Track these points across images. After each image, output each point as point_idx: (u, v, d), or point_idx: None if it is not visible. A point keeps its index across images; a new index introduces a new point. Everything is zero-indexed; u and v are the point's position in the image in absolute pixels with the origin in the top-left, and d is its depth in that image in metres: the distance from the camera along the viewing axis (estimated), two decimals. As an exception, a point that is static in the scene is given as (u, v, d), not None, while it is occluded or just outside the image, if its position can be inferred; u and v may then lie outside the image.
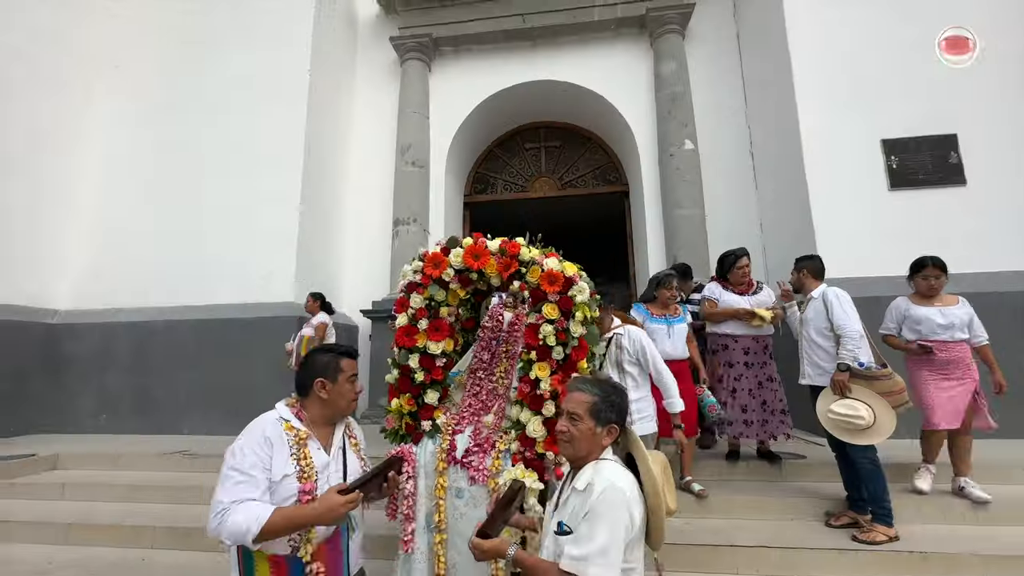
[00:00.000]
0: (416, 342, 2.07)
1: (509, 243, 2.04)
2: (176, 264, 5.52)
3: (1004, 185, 4.39)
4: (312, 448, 1.43)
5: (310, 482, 1.38)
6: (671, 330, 3.20)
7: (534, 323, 1.99)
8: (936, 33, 4.64)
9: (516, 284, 2.02)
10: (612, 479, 1.26)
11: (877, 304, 3.77)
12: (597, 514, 1.22)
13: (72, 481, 3.66)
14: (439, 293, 2.09)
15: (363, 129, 6.86)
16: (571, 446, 1.35)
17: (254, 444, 1.36)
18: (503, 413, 2.05)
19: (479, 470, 1.91)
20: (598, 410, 1.34)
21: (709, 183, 5.93)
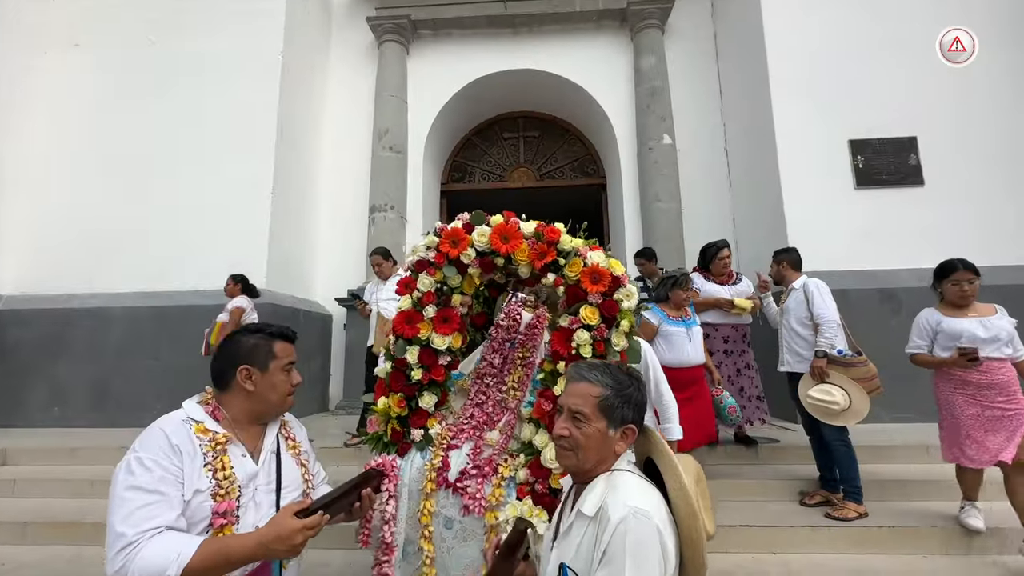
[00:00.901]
0: (418, 332, 1.72)
1: (547, 227, 1.69)
2: (136, 249, 5.19)
3: (958, 186, 4.69)
4: (234, 455, 1.14)
5: (228, 500, 1.09)
6: (690, 333, 2.96)
7: (567, 327, 1.62)
8: (901, 40, 4.88)
9: (551, 277, 1.66)
10: (633, 502, 0.93)
11: (844, 297, 3.96)
12: (618, 555, 0.89)
13: (24, 477, 3.40)
14: (454, 277, 1.73)
15: (337, 111, 6.64)
16: (575, 456, 1.02)
17: (157, 453, 1.06)
18: (511, 431, 1.73)
19: (475, 499, 1.57)
20: (610, 406, 1.01)
21: (685, 177, 6.07)
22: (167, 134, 5.43)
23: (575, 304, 1.65)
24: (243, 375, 1.19)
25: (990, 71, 4.80)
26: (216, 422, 1.16)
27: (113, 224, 5.26)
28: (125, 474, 1.03)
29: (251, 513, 1.14)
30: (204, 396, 1.23)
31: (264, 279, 5.09)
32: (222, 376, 1.21)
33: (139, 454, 1.05)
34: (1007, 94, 4.79)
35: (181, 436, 1.10)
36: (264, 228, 5.20)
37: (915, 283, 4.47)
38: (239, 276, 4.40)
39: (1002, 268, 4.48)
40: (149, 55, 5.62)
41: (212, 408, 1.19)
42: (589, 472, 1.02)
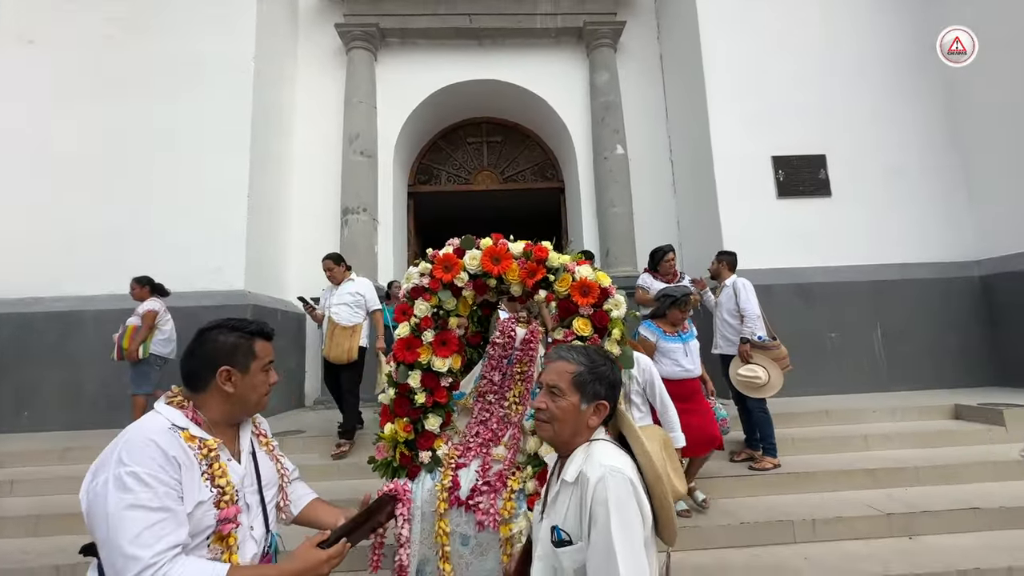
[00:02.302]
0: (419, 356, 1.75)
1: (535, 246, 1.75)
2: (105, 251, 5.17)
3: (859, 197, 5.59)
4: (222, 458, 1.11)
5: (232, 506, 1.08)
6: (687, 348, 3.10)
7: (561, 340, 1.68)
8: (816, 72, 5.72)
9: (542, 294, 1.73)
10: (608, 461, 1.02)
11: (768, 291, 4.75)
12: (602, 514, 0.97)
13: (20, 478, 3.49)
14: (449, 300, 1.78)
15: (307, 114, 6.77)
16: (551, 427, 1.11)
17: (153, 467, 0.98)
18: (517, 445, 1.76)
19: (488, 514, 1.60)
20: (583, 382, 1.11)
21: (636, 185, 6.72)
22: (135, 135, 5.40)
23: (567, 317, 1.71)
24: (223, 377, 1.13)
25: (888, 99, 5.74)
26: (198, 427, 1.11)
27: (79, 227, 5.21)
28: (119, 492, 0.94)
29: (243, 516, 1.13)
30: (173, 398, 1.14)
31: (243, 280, 5.25)
32: (197, 377, 1.14)
33: (133, 468, 0.96)
34: (902, 119, 5.73)
35: (174, 447, 1.03)
36: (241, 230, 5.32)
37: (824, 279, 5.36)
38: (144, 278, 4.30)
39: (891, 266, 5.43)
40: (111, 55, 5.55)
41: (191, 412, 1.12)
42: (567, 444, 1.12)
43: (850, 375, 5.15)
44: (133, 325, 4.11)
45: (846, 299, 5.29)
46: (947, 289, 5.37)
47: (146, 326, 4.10)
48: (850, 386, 5.09)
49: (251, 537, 1.14)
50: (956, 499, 3.03)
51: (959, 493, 3.12)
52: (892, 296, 5.30)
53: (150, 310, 4.16)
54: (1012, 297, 5.09)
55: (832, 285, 5.31)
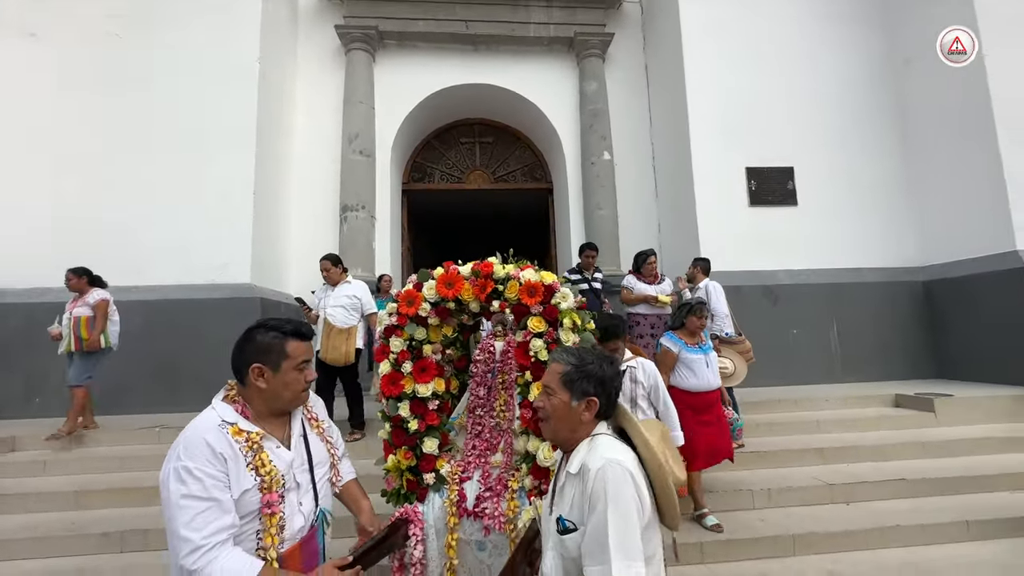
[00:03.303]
0: (403, 388, 1.89)
1: (481, 264, 1.90)
2: (114, 245, 5.34)
3: (822, 207, 6.15)
4: (269, 449, 1.24)
5: (272, 492, 1.22)
6: (708, 359, 3.16)
7: (523, 341, 1.84)
8: (787, 90, 6.24)
9: (496, 304, 1.88)
10: (608, 454, 1.09)
11: (738, 292, 5.27)
12: (600, 500, 1.04)
13: (50, 459, 3.73)
14: (418, 331, 1.93)
15: (306, 113, 6.97)
16: (549, 425, 1.21)
17: (203, 462, 1.14)
18: (512, 449, 1.89)
19: (494, 517, 1.73)
20: (571, 380, 1.18)
21: (621, 189, 7.16)
22: (137, 131, 5.55)
23: (523, 319, 1.87)
24: (255, 373, 1.25)
25: (850, 118, 6.30)
26: (247, 420, 1.24)
27: (84, 221, 5.36)
28: (176, 483, 1.11)
29: (293, 494, 1.28)
30: (228, 392, 1.30)
31: (249, 275, 5.49)
32: (239, 372, 1.28)
33: (186, 464, 1.13)
34: (862, 136, 6.30)
35: (222, 443, 1.18)
36: (247, 226, 5.55)
37: (788, 281, 5.91)
38: (80, 269, 4.28)
39: (847, 270, 6.02)
40: (113, 51, 5.67)
41: (241, 406, 1.26)
42: (566, 440, 1.20)
43: (809, 368, 5.73)
44: (85, 316, 4.08)
45: (807, 300, 5.86)
46: (894, 292, 6.00)
47: (101, 316, 4.10)
48: (808, 377, 5.67)
49: (300, 512, 1.28)
50: (888, 472, 3.59)
51: (891, 467, 3.68)
52: (847, 297, 5.90)
53: (103, 299, 4.16)
54: (948, 300, 5.75)
55: (795, 287, 5.87)
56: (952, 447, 3.94)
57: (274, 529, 1.22)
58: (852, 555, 2.89)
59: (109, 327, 4.26)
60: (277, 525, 1.22)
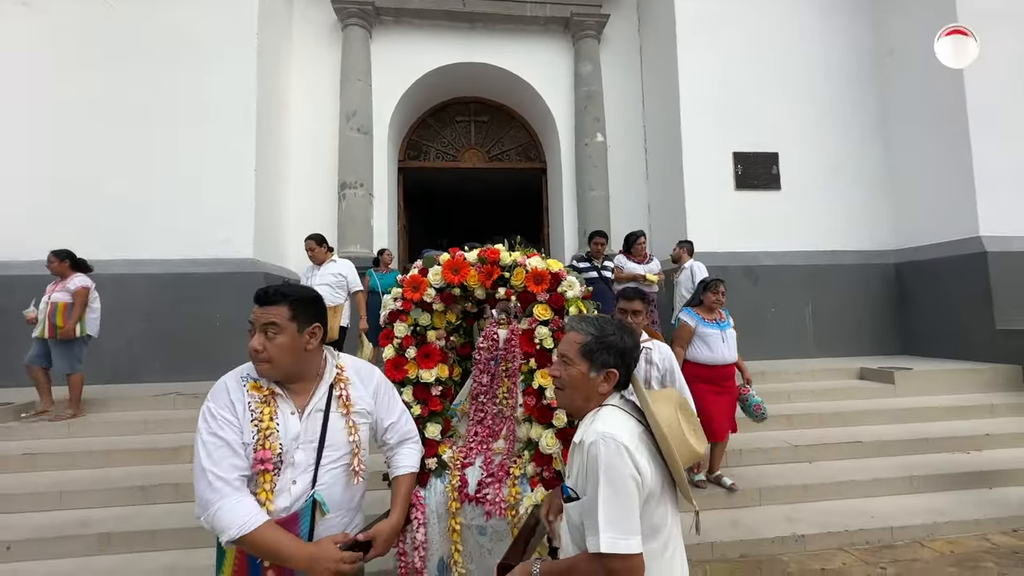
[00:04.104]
0: (407, 373, 1.91)
1: (488, 250, 1.90)
2: (117, 219, 5.45)
3: (804, 191, 6.44)
4: (283, 410, 1.27)
5: (265, 450, 1.21)
6: (724, 335, 3.24)
7: (528, 328, 1.85)
8: (775, 78, 6.43)
9: (501, 291, 1.88)
10: (603, 428, 1.09)
11: (723, 272, 5.52)
12: (593, 472, 1.05)
13: (75, 422, 3.96)
14: (423, 317, 1.95)
15: (303, 90, 7.00)
16: (564, 394, 1.21)
17: (220, 405, 1.24)
18: (514, 436, 1.91)
19: (495, 503, 1.75)
20: (591, 351, 1.17)
21: (612, 170, 7.37)
22: (136, 106, 5.60)
23: (528, 306, 1.87)
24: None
25: (834, 105, 6.54)
26: (267, 379, 1.28)
27: (88, 194, 5.44)
28: (201, 421, 1.23)
29: (289, 470, 1.24)
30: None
31: (252, 249, 5.65)
32: None
33: (210, 404, 1.24)
34: (844, 124, 6.56)
35: (236, 392, 1.26)
36: (250, 202, 5.68)
37: (769, 262, 6.24)
38: (63, 252, 4.10)
39: (824, 252, 6.37)
40: (111, 22, 5.65)
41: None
42: (579, 409, 1.20)
43: (783, 344, 6.12)
44: (63, 302, 3.92)
45: (785, 280, 6.21)
46: (867, 274, 6.37)
47: (80, 304, 3.93)
48: (783, 352, 6.07)
49: (288, 490, 1.23)
50: (848, 436, 3.98)
51: (851, 432, 4.07)
52: (823, 278, 6.26)
53: (83, 287, 3.99)
54: (916, 283, 6.14)
55: (775, 268, 6.21)
56: (907, 415, 4.36)
57: (268, 485, 1.21)
58: (810, 505, 3.28)
59: (88, 315, 4.09)
60: (271, 482, 1.21)
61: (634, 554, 1.01)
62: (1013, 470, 3.57)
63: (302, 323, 1.27)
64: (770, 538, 2.92)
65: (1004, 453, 3.82)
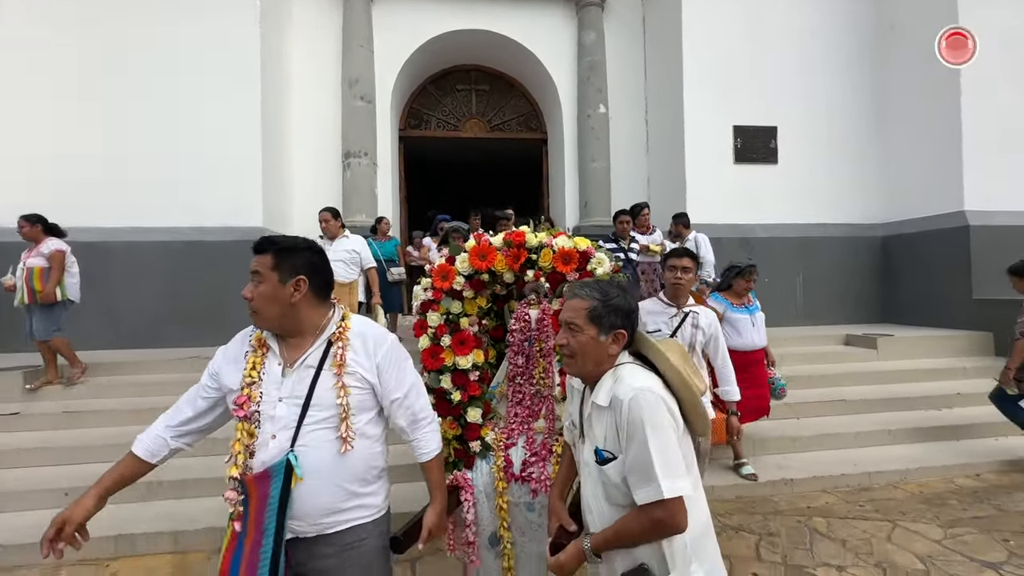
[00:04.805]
0: (444, 361, 1.94)
1: (513, 233, 1.92)
2: (121, 186, 5.46)
3: (800, 166, 6.62)
4: (270, 361, 1.25)
5: (242, 394, 1.21)
6: (754, 319, 3.26)
7: (559, 309, 1.78)
8: (774, 54, 6.51)
9: (530, 273, 1.90)
10: (635, 383, 1.13)
11: (719, 243, 5.76)
12: (637, 426, 1.09)
13: (113, 383, 4.12)
14: (454, 305, 1.97)
15: (304, 56, 6.90)
16: (575, 361, 1.22)
17: (219, 353, 1.33)
18: (554, 415, 1.95)
19: (540, 481, 1.81)
20: (598, 315, 1.19)
21: (614, 142, 7.45)
22: (143, 71, 5.53)
23: (558, 287, 1.89)
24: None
25: (831, 81, 6.66)
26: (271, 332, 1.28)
27: (91, 162, 5.43)
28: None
29: (268, 423, 1.20)
30: None
31: (260, 218, 5.72)
32: None
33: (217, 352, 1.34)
34: (840, 100, 6.70)
35: (238, 343, 1.32)
36: (257, 170, 5.70)
37: (763, 234, 6.48)
38: (34, 216, 4.02)
39: (815, 225, 6.62)
40: None
41: None
42: (590, 374, 1.22)
43: (775, 312, 6.31)
44: (39, 267, 3.86)
45: (778, 251, 6.46)
46: (856, 246, 6.65)
47: (57, 267, 3.88)
48: (776, 320, 6.25)
49: (267, 445, 1.19)
50: (833, 395, 4.32)
51: (836, 392, 4.42)
52: (813, 250, 6.53)
53: (58, 250, 3.92)
54: (901, 254, 6.45)
55: (768, 240, 6.46)
56: (887, 377, 4.71)
57: (243, 435, 1.19)
58: (799, 455, 3.63)
59: (67, 279, 4.04)
60: (245, 432, 1.20)
61: (685, 496, 1.09)
62: (979, 424, 3.94)
63: (284, 274, 1.21)
64: (763, 482, 3.24)
65: (972, 411, 4.18)
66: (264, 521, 1.15)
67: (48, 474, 3.17)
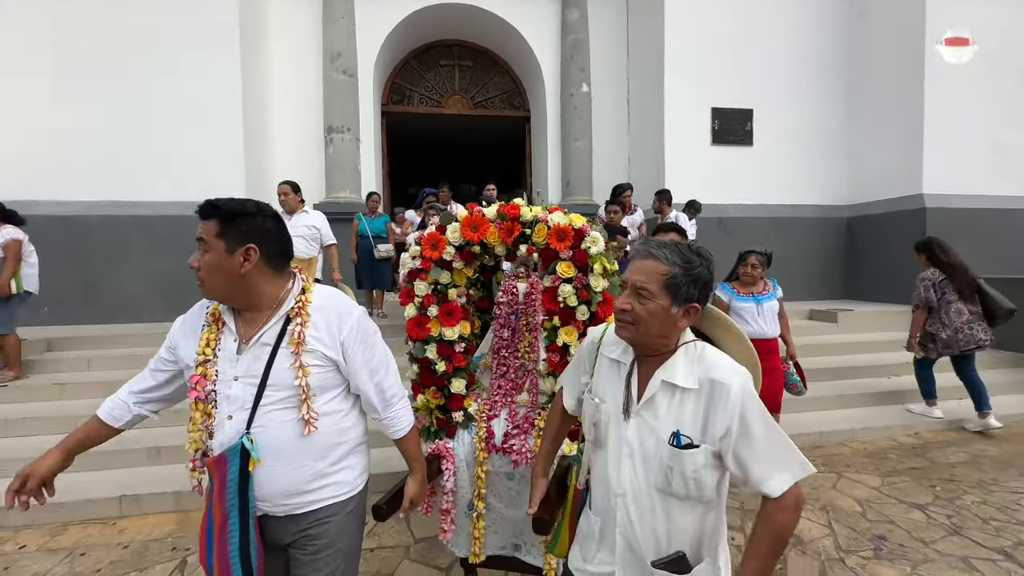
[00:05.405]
0: (430, 331, 1.92)
1: (507, 205, 1.87)
2: (101, 160, 5.37)
3: (774, 148, 6.87)
4: (225, 337, 1.17)
5: (196, 373, 1.14)
6: (760, 309, 3.08)
7: (551, 286, 1.84)
8: (752, 38, 6.66)
9: (523, 248, 1.85)
10: (733, 365, 1.03)
11: (698, 222, 6.01)
12: (754, 412, 0.97)
13: (94, 356, 4.16)
14: (443, 275, 1.93)
15: (283, 29, 6.75)
16: (635, 329, 1.04)
17: (176, 325, 1.25)
18: (537, 389, 1.94)
19: (521, 453, 1.81)
20: (676, 284, 1.01)
21: (596, 121, 7.56)
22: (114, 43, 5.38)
23: (551, 263, 1.84)
24: None
25: (805, 66, 6.86)
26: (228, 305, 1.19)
27: (69, 136, 5.31)
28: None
29: (224, 403, 1.14)
30: None
31: (243, 194, 5.68)
32: None
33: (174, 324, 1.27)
34: (814, 85, 6.92)
35: (197, 314, 1.24)
36: (238, 143, 5.67)
37: (737, 214, 6.74)
38: None
39: (786, 206, 6.90)
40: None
41: None
42: (649, 344, 1.05)
43: (746, 289, 6.74)
44: None
45: (751, 230, 6.73)
46: (824, 227, 6.99)
47: (12, 257, 3.65)
48: (745, 297, 6.70)
49: (223, 426, 1.13)
50: (794, 365, 4.64)
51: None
52: (784, 230, 6.84)
53: (14, 239, 3.68)
54: (864, 235, 6.81)
55: (742, 219, 6.73)
56: (844, 348, 5.07)
57: (199, 415, 1.15)
58: (760, 418, 3.93)
59: (24, 270, 3.81)
60: (202, 412, 1.14)
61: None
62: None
63: (231, 242, 1.10)
64: (726, 442, 3.53)
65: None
66: (227, 504, 1.11)
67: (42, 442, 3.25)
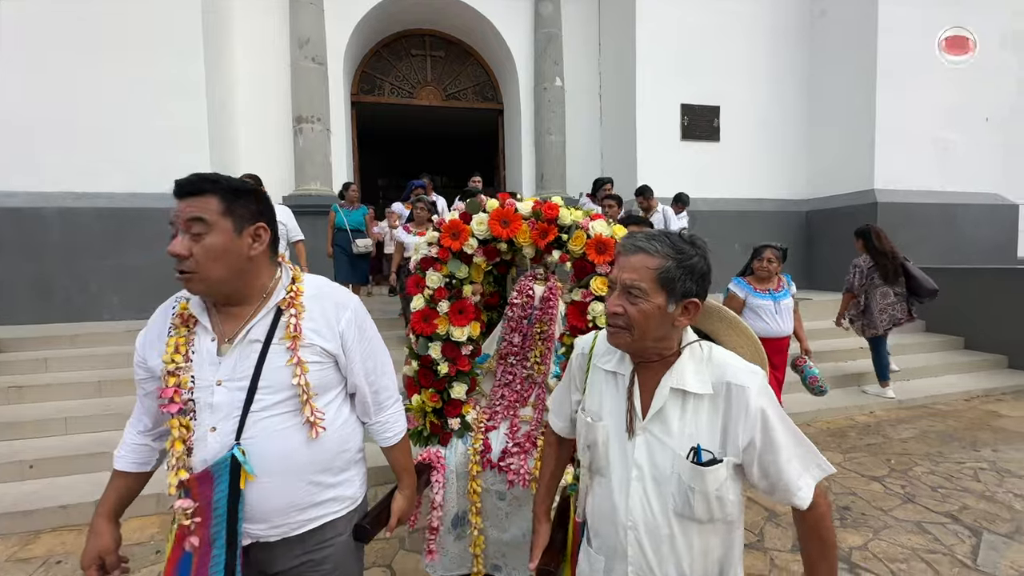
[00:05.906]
0: (437, 328, 1.72)
1: (545, 204, 1.67)
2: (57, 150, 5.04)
3: (739, 144, 7.14)
4: (200, 337, 0.99)
5: (167, 388, 0.96)
6: (777, 306, 2.99)
7: (580, 301, 1.62)
8: (721, 34, 6.87)
9: (556, 255, 1.67)
10: (751, 366, 0.92)
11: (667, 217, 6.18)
12: (772, 415, 0.88)
13: (52, 356, 3.92)
14: (460, 269, 1.72)
15: (248, 14, 6.47)
16: (629, 334, 0.91)
17: (140, 339, 1.03)
18: (543, 405, 1.75)
19: (519, 474, 1.64)
20: (670, 279, 0.89)
21: (569, 115, 7.64)
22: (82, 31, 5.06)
23: (585, 277, 1.62)
24: None
25: (770, 65, 7.14)
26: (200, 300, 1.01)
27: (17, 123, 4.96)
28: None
29: (206, 414, 0.97)
30: None
31: (209, 185, 5.47)
32: None
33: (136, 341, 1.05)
34: (778, 83, 7.22)
35: (161, 320, 1.04)
36: (203, 131, 5.43)
37: (705, 207, 6.99)
38: None
39: (750, 199, 7.21)
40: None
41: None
42: (645, 350, 0.94)
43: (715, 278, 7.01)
44: None
45: (719, 222, 7.01)
46: (785, 220, 7.34)
47: None
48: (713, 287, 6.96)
49: (205, 440, 0.97)
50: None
51: (763, 349, 4.99)
52: (748, 222, 7.14)
53: None
54: (821, 228, 7.20)
55: (710, 213, 6.99)
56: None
57: (177, 432, 0.96)
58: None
59: None
60: (179, 428, 0.97)
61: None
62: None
63: (240, 220, 0.96)
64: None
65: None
66: (211, 531, 0.95)
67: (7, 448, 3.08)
